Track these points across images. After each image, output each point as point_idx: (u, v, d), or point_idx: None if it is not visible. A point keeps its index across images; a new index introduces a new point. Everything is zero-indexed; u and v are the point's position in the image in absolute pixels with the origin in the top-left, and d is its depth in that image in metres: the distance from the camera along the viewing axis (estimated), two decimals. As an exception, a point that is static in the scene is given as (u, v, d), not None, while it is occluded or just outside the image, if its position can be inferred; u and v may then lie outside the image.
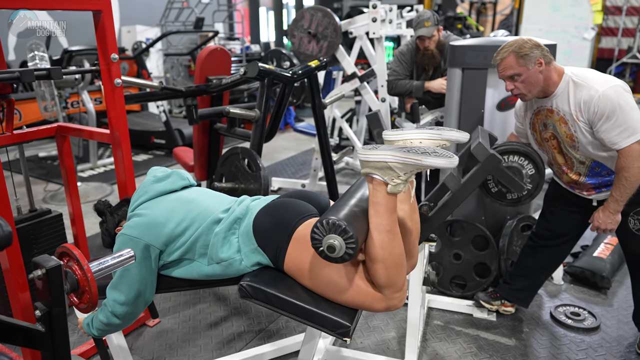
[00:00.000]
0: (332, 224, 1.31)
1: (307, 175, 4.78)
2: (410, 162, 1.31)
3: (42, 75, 2.02)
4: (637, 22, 8.70)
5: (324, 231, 1.32)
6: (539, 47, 1.92)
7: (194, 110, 2.84)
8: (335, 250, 1.30)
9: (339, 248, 1.30)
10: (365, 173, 1.38)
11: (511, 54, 1.92)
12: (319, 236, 1.33)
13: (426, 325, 2.49)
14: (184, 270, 1.57)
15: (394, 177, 1.34)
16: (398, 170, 1.33)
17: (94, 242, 3.38)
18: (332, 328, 1.40)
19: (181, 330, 2.47)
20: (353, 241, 1.30)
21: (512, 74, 1.95)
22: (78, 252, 1.19)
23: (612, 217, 1.98)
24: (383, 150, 1.34)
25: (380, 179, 1.35)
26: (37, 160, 5.61)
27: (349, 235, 1.30)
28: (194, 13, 8.22)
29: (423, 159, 1.30)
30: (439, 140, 1.46)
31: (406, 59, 3.35)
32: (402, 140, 1.47)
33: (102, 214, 1.82)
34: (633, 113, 1.82)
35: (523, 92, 1.97)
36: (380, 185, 1.36)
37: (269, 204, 1.58)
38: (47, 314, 1.18)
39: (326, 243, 1.31)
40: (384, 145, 1.40)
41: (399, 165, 1.32)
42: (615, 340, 2.35)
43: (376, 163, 1.34)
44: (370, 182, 1.39)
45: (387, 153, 1.33)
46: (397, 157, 1.32)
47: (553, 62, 1.95)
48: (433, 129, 1.48)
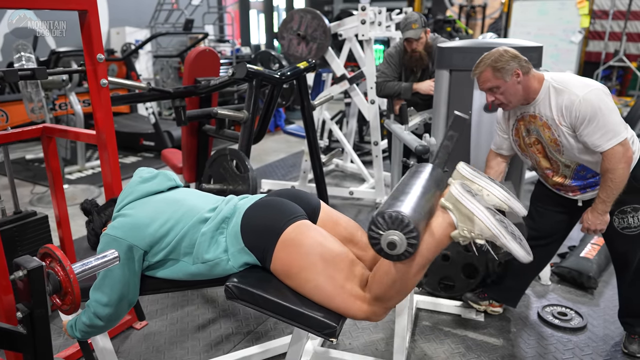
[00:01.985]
0: (396, 219, 1.24)
1: (297, 177, 4.77)
2: (495, 233, 1.29)
3: (26, 75, 2.00)
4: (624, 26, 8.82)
5: (385, 225, 1.25)
6: (516, 58, 1.93)
7: (182, 112, 2.82)
8: (396, 247, 1.25)
9: (399, 245, 1.25)
10: (445, 207, 1.37)
11: (488, 68, 1.94)
12: (380, 231, 1.26)
13: (414, 326, 2.50)
14: (170, 271, 1.55)
15: (466, 229, 1.33)
16: (476, 228, 1.32)
17: (81, 244, 3.35)
18: (318, 329, 1.40)
19: (168, 332, 2.45)
20: (415, 240, 1.25)
21: (490, 87, 1.97)
22: (60, 253, 1.18)
23: (601, 217, 2.00)
24: (479, 203, 1.32)
25: (454, 221, 1.34)
26: (24, 162, 5.55)
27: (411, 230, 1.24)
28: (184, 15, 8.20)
29: (509, 240, 1.29)
30: (503, 204, 1.45)
31: (394, 61, 3.36)
32: (473, 183, 1.46)
33: (88, 214, 1.80)
34: (613, 116, 1.85)
35: (504, 102, 2.00)
36: (448, 225, 1.35)
37: (257, 202, 1.57)
38: (28, 316, 1.17)
39: (387, 239, 1.26)
40: (480, 197, 1.38)
41: (483, 227, 1.30)
42: (602, 340, 2.37)
43: (464, 208, 1.33)
44: (442, 215, 1.36)
45: (482, 210, 1.31)
46: (487, 219, 1.30)
47: (532, 70, 1.97)
48: (504, 189, 1.46)
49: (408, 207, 1.30)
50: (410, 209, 1.30)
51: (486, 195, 1.44)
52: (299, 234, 1.45)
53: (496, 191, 1.45)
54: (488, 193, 1.45)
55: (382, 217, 1.26)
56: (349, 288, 1.41)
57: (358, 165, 4.66)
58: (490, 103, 2.04)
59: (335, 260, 1.43)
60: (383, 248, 1.28)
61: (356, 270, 1.45)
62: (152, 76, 8.20)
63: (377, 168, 4.17)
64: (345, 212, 2.95)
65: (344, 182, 4.91)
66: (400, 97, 3.33)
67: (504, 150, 2.25)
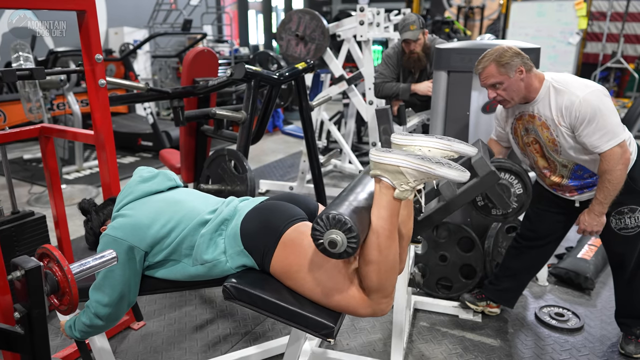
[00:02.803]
0: (335, 219, 1.29)
1: (295, 177, 4.78)
2: (422, 170, 1.30)
3: (24, 75, 2.00)
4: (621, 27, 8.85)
5: (326, 225, 1.30)
6: (519, 55, 1.94)
7: (180, 112, 2.83)
8: (337, 245, 1.29)
9: (340, 244, 1.29)
10: (375, 175, 1.38)
11: (492, 63, 1.94)
12: (321, 230, 1.31)
13: (412, 326, 2.50)
14: (169, 271, 1.55)
15: (403, 182, 1.33)
16: (409, 177, 1.32)
17: (79, 244, 3.34)
18: (315, 329, 1.40)
19: (166, 333, 2.45)
20: (354, 236, 1.29)
21: (493, 83, 1.97)
22: (58, 253, 1.18)
23: (598, 219, 2.00)
24: (397, 154, 1.33)
25: (389, 182, 1.35)
26: (22, 162, 5.54)
27: (353, 234, 1.28)
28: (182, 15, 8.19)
29: (437, 168, 1.30)
30: (448, 151, 1.45)
31: (393, 62, 3.37)
32: (411, 146, 1.46)
33: (86, 213, 1.80)
34: (613, 117, 1.86)
35: (506, 99, 2.00)
36: (387, 189, 1.36)
37: (257, 206, 1.57)
38: (26, 316, 1.17)
39: (328, 238, 1.29)
40: (397, 150, 1.39)
41: (411, 172, 1.31)
42: (599, 341, 2.38)
43: (388, 166, 1.33)
44: (378, 184, 1.38)
45: (401, 158, 1.32)
46: (410, 163, 1.31)
47: (533, 69, 1.98)
48: (443, 138, 1.46)
49: (345, 205, 1.36)
50: (347, 207, 1.35)
51: (427, 151, 1.44)
52: (299, 235, 1.45)
53: (434, 143, 1.45)
54: (429, 148, 1.44)
55: (320, 219, 1.31)
56: (349, 285, 1.41)
57: (356, 166, 4.66)
58: (491, 100, 2.05)
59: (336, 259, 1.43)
60: (326, 247, 1.31)
61: (354, 268, 1.45)
62: (150, 76, 8.19)
63: (375, 169, 4.16)
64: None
65: (342, 182, 4.92)
66: (398, 98, 3.34)
67: (503, 142, 2.28)
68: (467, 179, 1.31)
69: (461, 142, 1.47)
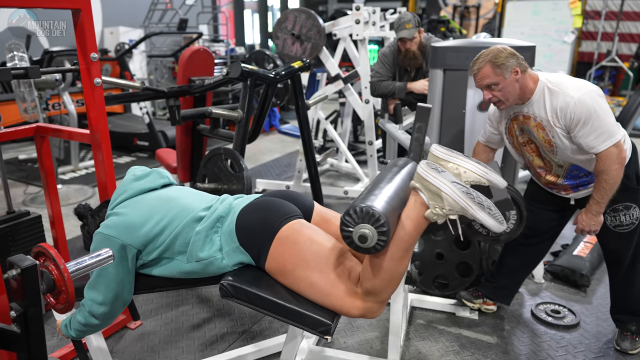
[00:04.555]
0: (367, 213, 1.27)
1: (292, 176, 4.77)
2: (462, 205, 1.30)
3: (19, 74, 1.99)
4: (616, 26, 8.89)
5: (359, 218, 1.28)
6: (515, 55, 1.94)
7: (176, 111, 2.82)
8: (367, 240, 1.28)
9: (370, 238, 1.28)
10: (414, 187, 1.38)
11: (487, 64, 1.94)
12: (352, 224, 1.29)
13: (409, 324, 2.50)
14: (164, 269, 1.55)
15: (437, 206, 1.33)
16: (446, 203, 1.32)
17: (75, 244, 3.34)
18: (312, 326, 1.40)
19: (163, 332, 2.44)
20: (385, 232, 1.28)
21: (489, 84, 1.96)
22: (54, 252, 1.17)
23: (595, 218, 2.01)
24: (444, 178, 1.33)
25: (425, 200, 1.35)
26: (17, 162, 5.51)
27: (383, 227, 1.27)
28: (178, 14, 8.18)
29: (476, 210, 1.30)
30: (482, 178, 1.45)
31: (388, 61, 3.37)
32: (449, 162, 1.46)
33: (83, 218, 1.80)
34: (608, 117, 1.86)
35: (501, 100, 1.99)
36: (421, 205, 1.36)
37: (252, 202, 1.57)
38: (22, 315, 1.17)
39: (358, 232, 1.28)
40: (447, 173, 1.39)
41: (450, 201, 1.31)
42: (594, 337, 2.39)
43: (431, 185, 1.34)
44: (414, 197, 1.38)
45: (447, 184, 1.32)
46: (454, 193, 1.31)
47: (528, 70, 1.97)
48: (481, 164, 1.46)
49: (379, 200, 1.34)
50: (380, 203, 1.33)
51: (463, 172, 1.44)
52: (294, 232, 1.46)
53: (472, 167, 1.45)
54: (465, 170, 1.45)
55: (353, 211, 1.29)
56: (343, 285, 1.41)
57: (353, 165, 4.67)
58: (486, 101, 2.05)
59: (329, 257, 1.43)
60: (355, 241, 1.30)
61: (349, 267, 1.46)
62: (146, 76, 8.17)
63: (372, 167, 4.18)
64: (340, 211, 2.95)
65: (338, 181, 4.92)
66: (394, 96, 3.34)
67: (492, 144, 2.28)
68: (503, 230, 1.32)
69: (497, 172, 1.48)
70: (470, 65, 2.01)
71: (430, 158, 1.51)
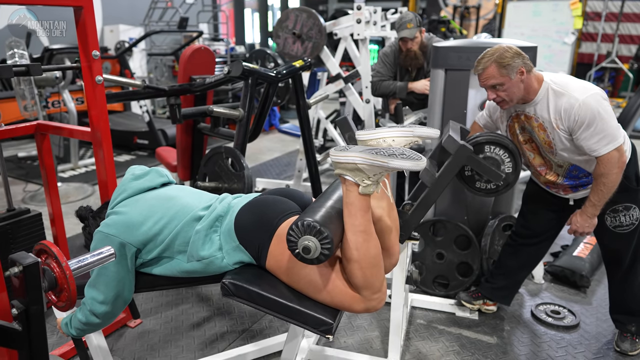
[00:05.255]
0: (307, 225, 1.31)
1: (292, 176, 4.77)
2: (377, 164, 1.32)
3: (20, 71, 1.99)
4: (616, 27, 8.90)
5: (300, 232, 1.32)
6: (520, 55, 1.91)
7: (177, 110, 2.82)
8: (311, 251, 1.31)
9: (314, 249, 1.31)
10: (338, 174, 1.39)
11: (493, 64, 1.91)
12: (295, 238, 1.33)
13: (409, 324, 2.50)
14: (164, 268, 1.55)
15: (364, 178, 1.35)
16: (367, 172, 1.34)
17: (74, 242, 3.33)
18: (314, 325, 1.40)
19: (163, 331, 2.44)
20: (328, 242, 1.30)
21: (494, 84, 1.94)
22: (56, 249, 1.17)
23: (590, 220, 2.01)
24: (352, 151, 1.35)
25: (351, 180, 1.36)
26: (17, 160, 5.51)
27: (324, 236, 1.30)
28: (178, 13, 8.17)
29: (390, 161, 1.31)
30: (411, 137, 1.48)
31: (389, 60, 3.37)
32: (375, 140, 1.48)
33: (84, 220, 1.80)
34: (611, 121, 1.86)
35: (505, 100, 1.98)
36: (352, 186, 1.37)
37: (251, 201, 1.57)
38: (24, 312, 1.16)
39: (301, 244, 1.31)
40: (355, 146, 1.40)
41: (367, 167, 1.33)
42: (594, 338, 2.39)
43: (346, 164, 1.35)
44: (344, 183, 1.39)
45: (356, 155, 1.33)
46: (364, 159, 1.32)
47: (533, 70, 1.96)
48: (405, 127, 1.49)
49: (318, 211, 1.38)
50: (319, 213, 1.37)
51: (392, 141, 1.47)
52: None
53: (397, 132, 1.48)
54: (392, 138, 1.47)
55: (294, 226, 1.33)
56: (343, 282, 1.41)
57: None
58: (489, 100, 2.04)
59: None
60: (300, 253, 1.33)
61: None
62: (146, 74, 8.16)
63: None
64: (340, 211, 2.90)
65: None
66: (395, 96, 3.34)
67: (487, 128, 2.30)
68: (423, 167, 1.32)
69: (422, 127, 1.51)
70: (474, 64, 1.99)
71: (359, 144, 1.53)
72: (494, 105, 2.17)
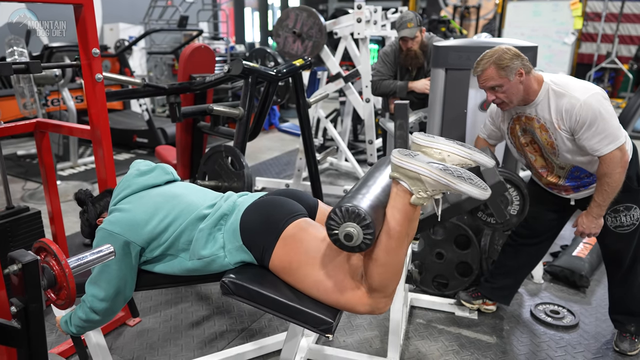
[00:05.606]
0: (354, 212, 1.27)
1: (291, 175, 4.77)
2: (443, 182, 1.29)
3: (20, 69, 1.98)
4: (616, 28, 8.90)
5: (343, 217, 1.28)
6: (519, 57, 1.91)
7: (177, 108, 2.81)
8: (353, 239, 1.28)
9: (356, 237, 1.28)
10: (393, 177, 1.36)
11: (492, 65, 1.91)
12: (337, 222, 1.29)
13: (409, 323, 2.50)
14: (166, 266, 1.55)
15: (421, 190, 1.32)
16: (428, 185, 1.31)
17: (74, 241, 3.33)
18: (314, 325, 1.40)
19: (162, 329, 2.44)
20: (371, 232, 1.28)
21: (493, 85, 1.94)
22: (56, 247, 1.17)
23: (596, 221, 2.00)
24: (419, 161, 1.32)
25: (407, 187, 1.34)
26: (16, 158, 5.50)
27: (368, 224, 1.27)
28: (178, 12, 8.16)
29: (458, 183, 1.29)
30: (467, 160, 1.43)
31: (390, 60, 3.37)
32: (430, 148, 1.44)
33: (83, 204, 1.78)
34: (613, 120, 1.85)
35: (505, 101, 1.97)
36: (404, 193, 1.35)
37: (257, 201, 1.57)
38: (23, 310, 1.16)
39: (344, 230, 1.28)
40: (421, 155, 1.38)
41: (431, 182, 1.30)
42: (593, 338, 2.39)
43: (408, 172, 1.32)
44: (395, 187, 1.37)
45: (423, 166, 1.30)
46: (431, 172, 1.29)
47: (533, 71, 1.95)
48: (464, 146, 1.45)
49: (363, 199, 1.35)
50: (365, 201, 1.34)
51: (447, 156, 1.43)
52: (300, 231, 1.45)
53: (455, 149, 1.44)
54: (448, 153, 1.43)
55: (339, 210, 1.29)
56: (350, 283, 1.41)
57: (352, 164, 4.67)
58: (489, 102, 2.04)
59: (335, 256, 1.43)
60: (340, 239, 1.30)
61: (355, 265, 1.45)
62: (145, 73, 8.15)
63: (372, 167, 4.17)
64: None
65: (338, 180, 4.92)
66: (395, 95, 3.34)
67: (492, 139, 2.28)
68: (487, 197, 1.31)
69: (481, 152, 1.46)
70: (473, 65, 1.99)
71: (413, 147, 1.50)
72: (495, 109, 2.16)
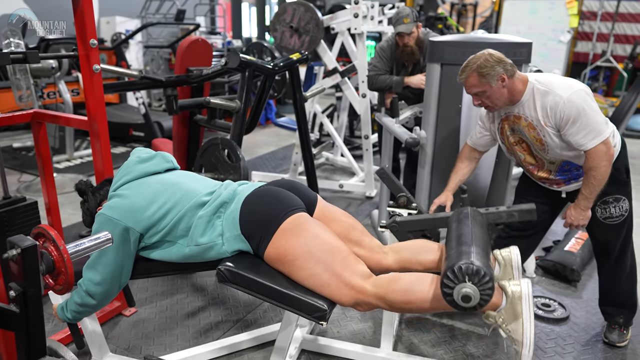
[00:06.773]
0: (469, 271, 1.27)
1: (287, 169, 4.79)
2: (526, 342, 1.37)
3: (18, 58, 1.99)
4: (611, 27, 8.94)
5: (457, 279, 1.28)
6: (501, 62, 1.95)
7: (173, 101, 2.82)
8: (471, 300, 1.28)
9: (473, 298, 1.27)
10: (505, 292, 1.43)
11: (473, 73, 1.97)
12: (452, 285, 1.29)
13: (402, 315, 2.53)
14: (164, 252, 1.57)
15: (504, 319, 1.40)
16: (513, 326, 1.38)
17: (70, 232, 3.34)
18: (308, 312, 1.43)
19: (158, 319, 2.46)
20: (490, 287, 1.27)
21: (476, 92, 2.01)
22: (54, 233, 1.19)
23: (584, 213, 2.04)
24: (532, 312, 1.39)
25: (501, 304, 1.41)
26: (11, 150, 5.49)
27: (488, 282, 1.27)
28: (175, 5, 8.14)
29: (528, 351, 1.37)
30: None
31: (386, 55, 3.38)
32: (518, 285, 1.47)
33: (83, 194, 1.80)
34: (596, 116, 1.90)
35: (490, 105, 2.04)
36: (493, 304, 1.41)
37: (257, 191, 1.58)
38: (21, 295, 1.18)
39: (460, 292, 1.28)
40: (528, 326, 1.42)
41: (520, 331, 1.38)
42: (583, 330, 2.43)
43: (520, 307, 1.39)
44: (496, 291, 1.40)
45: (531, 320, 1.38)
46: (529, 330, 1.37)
47: (516, 73, 2.00)
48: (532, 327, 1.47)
49: (478, 256, 1.32)
50: (479, 259, 1.32)
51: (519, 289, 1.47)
52: (298, 226, 1.48)
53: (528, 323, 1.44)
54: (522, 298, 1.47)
55: (452, 272, 1.28)
56: (344, 277, 1.44)
57: (348, 159, 4.69)
58: (475, 106, 2.09)
59: (332, 251, 1.46)
60: (455, 300, 1.30)
61: (351, 263, 1.48)
62: (142, 66, 8.13)
63: (367, 162, 4.20)
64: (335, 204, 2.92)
65: (334, 175, 4.94)
66: (391, 90, 3.36)
67: (479, 146, 2.30)
68: None
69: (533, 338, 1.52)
70: (458, 73, 2.04)
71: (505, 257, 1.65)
72: (484, 111, 2.22)
